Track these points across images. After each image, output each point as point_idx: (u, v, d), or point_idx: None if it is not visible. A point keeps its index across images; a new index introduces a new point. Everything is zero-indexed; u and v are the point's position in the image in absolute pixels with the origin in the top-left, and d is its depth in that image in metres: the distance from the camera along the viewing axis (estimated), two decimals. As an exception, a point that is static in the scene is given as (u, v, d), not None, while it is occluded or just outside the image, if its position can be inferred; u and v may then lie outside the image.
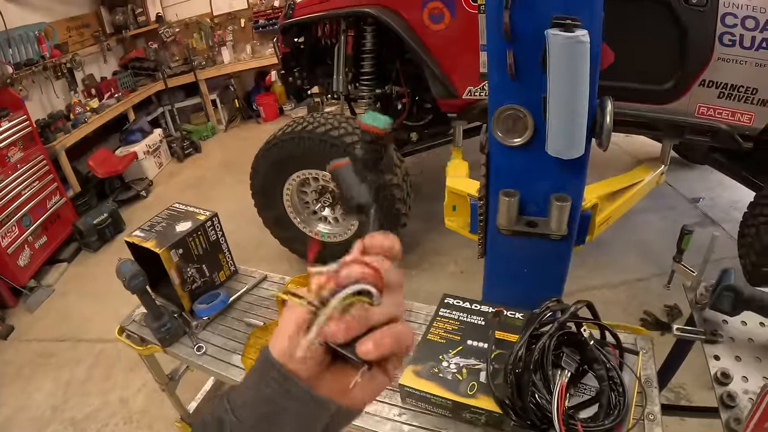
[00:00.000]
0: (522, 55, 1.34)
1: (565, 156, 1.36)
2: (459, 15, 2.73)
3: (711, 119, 2.51)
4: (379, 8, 2.93)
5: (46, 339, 3.53)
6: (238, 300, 1.86)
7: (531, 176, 1.50)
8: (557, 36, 1.20)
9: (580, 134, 1.33)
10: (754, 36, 2.25)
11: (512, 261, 1.73)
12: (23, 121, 4.35)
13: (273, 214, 3.40)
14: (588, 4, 1.26)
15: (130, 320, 1.87)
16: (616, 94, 2.49)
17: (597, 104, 1.36)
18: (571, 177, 1.48)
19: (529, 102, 1.38)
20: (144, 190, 5.54)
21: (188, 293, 1.79)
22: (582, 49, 1.20)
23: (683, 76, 2.45)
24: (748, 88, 2.36)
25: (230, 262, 1.96)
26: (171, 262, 1.69)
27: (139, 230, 1.81)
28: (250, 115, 7.43)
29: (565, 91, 1.26)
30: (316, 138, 2.90)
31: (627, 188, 2.73)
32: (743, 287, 1.27)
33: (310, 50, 3.73)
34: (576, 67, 1.22)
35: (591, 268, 3.16)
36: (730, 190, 3.69)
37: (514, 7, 1.28)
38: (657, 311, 2.76)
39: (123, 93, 6.23)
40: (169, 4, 7.15)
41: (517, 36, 1.31)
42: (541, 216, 1.55)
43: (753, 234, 2.52)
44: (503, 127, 1.44)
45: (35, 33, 5.38)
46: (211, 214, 1.86)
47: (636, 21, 2.42)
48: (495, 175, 1.56)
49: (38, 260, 4.23)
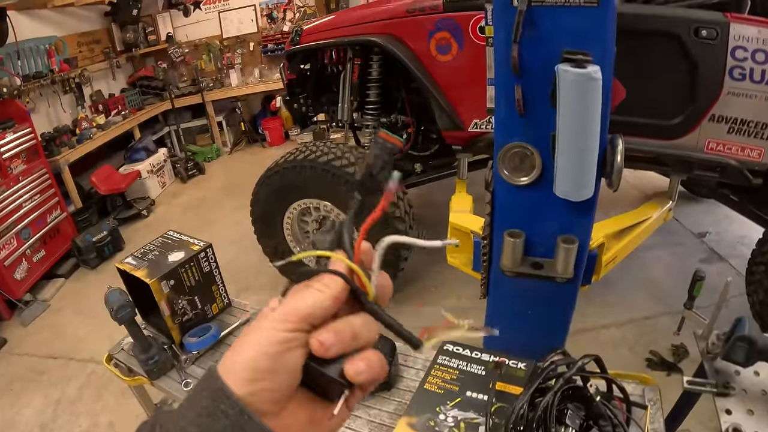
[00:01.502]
0: (531, 91, 1.28)
1: (573, 198, 1.30)
2: (467, 47, 2.73)
3: (720, 155, 2.47)
4: (386, 37, 2.93)
5: (39, 355, 3.49)
6: (230, 335, 1.79)
7: (537, 216, 1.44)
8: (568, 72, 1.15)
9: (590, 175, 1.27)
10: (764, 69, 2.23)
11: (516, 302, 1.65)
12: (28, 134, 4.36)
13: (273, 242, 3.37)
14: (600, 39, 1.21)
15: (119, 348, 1.82)
16: (623, 129, 2.49)
17: (607, 142, 1.31)
18: (579, 218, 1.41)
19: (537, 139, 1.32)
20: (145, 210, 5.52)
21: (179, 325, 1.72)
22: (594, 86, 1.15)
23: (693, 111, 2.42)
24: (759, 122, 2.33)
25: (223, 294, 1.89)
26: (162, 293, 1.63)
27: (131, 257, 1.77)
28: (255, 139, 7.44)
29: (575, 129, 1.21)
30: (319, 167, 2.87)
31: (635, 226, 2.67)
32: (758, 337, 1.21)
33: (316, 77, 3.72)
34: (587, 105, 1.17)
35: (598, 306, 3.10)
36: (738, 224, 3.66)
37: (524, 40, 1.23)
38: (664, 350, 2.72)
39: (130, 111, 6.26)
40: (179, 25, 7.26)
41: (525, 70, 1.26)
42: (547, 257, 1.48)
43: (762, 272, 2.48)
44: (509, 165, 1.38)
45: (46, 46, 5.45)
46: (205, 244, 1.80)
47: (645, 55, 2.40)
48: (500, 215, 1.49)
49: (35, 274, 4.19)
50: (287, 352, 0.46)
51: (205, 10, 7.20)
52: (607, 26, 1.21)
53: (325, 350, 0.46)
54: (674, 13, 2.36)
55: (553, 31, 1.22)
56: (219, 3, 7.16)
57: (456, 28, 2.74)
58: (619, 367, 1.63)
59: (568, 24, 1.21)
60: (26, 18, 5.25)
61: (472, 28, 2.68)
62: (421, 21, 2.83)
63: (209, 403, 0.44)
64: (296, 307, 0.47)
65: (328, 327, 0.48)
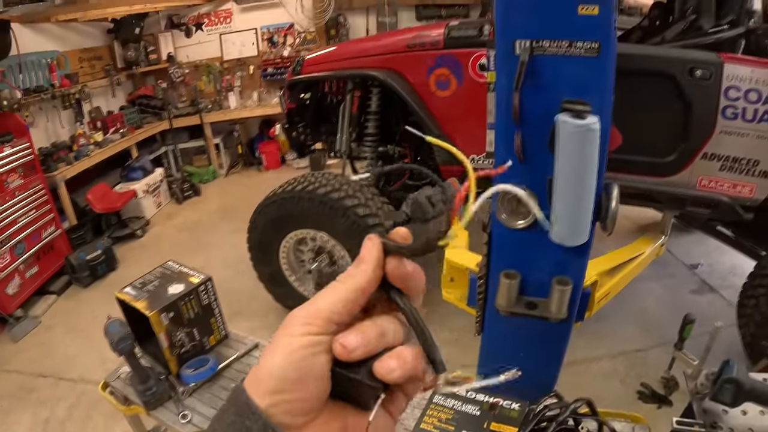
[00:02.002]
0: (530, 138, 1.32)
1: (568, 243, 1.33)
2: (466, 83, 2.78)
3: (712, 191, 2.52)
4: (386, 71, 2.98)
5: (28, 372, 3.46)
6: (228, 367, 1.80)
7: (533, 258, 1.47)
8: (567, 123, 1.18)
9: (586, 222, 1.31)
10: (756, 108, 2.29)
11: (510, 339, 1.68)
12: (26, 149, 4.34)
13: (268, 269, 3.36)
14: (599, 88, 1.25)
15: (116, 375, 1.81)
16: (618, 166, 2.54)
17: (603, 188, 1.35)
18: (574, 260, 1.45)
19: (535, 184, 1.35)
20: (140, 230, 5.50)
21: (176, 357, 1.73)
22: (592, 137, 1.18)
23: (686, 149, 2.48)
24: (750, 159, 2.39)
25: (221, 326, 1.90)
26: (161, 325, 1.65)
27: (130, 287, 1.77)
28: (252, 162, 7.44)
29: (572, 178, 1.24)
30: (317, 199, 2.87)
31: (627, 262, 2.71)
32: (745, 379, 1.23)
33: (316, 107, 3.76)
34: (585, 155, 1.21)
35: (589, 339, 3.10)
36: (729, 255, 3.69)
37: (524, 88, 1.27)
38: (654, 383, 2.72)
39: (128, 129, 6.24)
40: (181, 45, 7.31)
41: (525, 118, 1.30)
42: (542, 297, 1.51)
43: (753, 305, 2.52)
44: (507, 208, 1.42)
45: (47, 60, 5.45)
46: (205, 278, 1.81)
47: (640, 94, 2.44)
48: (496, 256, 1.52)
49: (27, 290, 4.16)
50: (313, 358, 0.42)
51: (207, 32, 7.27)
52: (606, 76, 1.26)
53: (348, 353, 0.42)
54: (669, 54, 2.42)
55: (553, 79, 1.27)
56: (221, 25, 7.23)
57: (456, 64, 2.79)
58: (610, 400, 1.65)
59: (569, 73, 1.25)
60: (29, 31, 5.28)
61: (471, 65, 2.74)
62: (421, 56, 2.88)
63: (236, 419, 0.42)
64: (318, 308, 0.44)
65: (351, 328, 0.44)
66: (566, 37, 1.23)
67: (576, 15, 1.21)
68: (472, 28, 2.80)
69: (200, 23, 7.23)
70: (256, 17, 7.15)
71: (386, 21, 6.80)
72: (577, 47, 1.23)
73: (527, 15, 1.25)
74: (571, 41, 1.23)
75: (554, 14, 1.23)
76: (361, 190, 2.90)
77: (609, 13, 1.20)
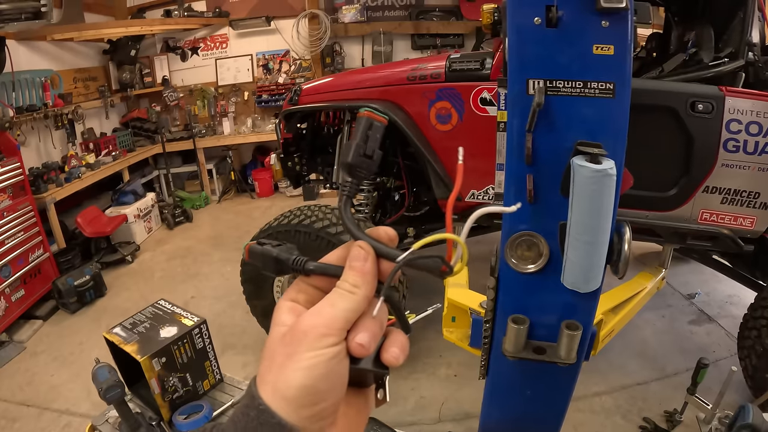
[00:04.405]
0: (541, 180, 1.29)
1: (582, 289, 1.29)
2: (467, 117, 2.76)
3: (714, 224, 2.52)
4: (385, 103, 2.94)
5: (12, 400, 3.36)
6: (222, 414, 1.73)
7: (542, 302, 1.42)
8: (584, 167, 1.14)
9: (599, 267, 1.26)
10: (757, 141, 2.30)
11: (515, 383, 1.63)
12: (16, 168, 4.28)
13: (262, 303, 3.29)
14: (614, 132, 1.24)
15: (104, 419, 1.74)
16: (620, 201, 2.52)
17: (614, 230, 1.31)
18: (584, 303, 1.40)
19: (545, 229, 1.32)
20: (130, 255, 5.41)
21: (169, 402, 1.66)
22: (609, 182, 1.15)
23: (687, 183, 2.48)
24: (751, 192, 2.40)
25: (216, 370, 1.83)
26: (153, 371, 1.58)
27: (120, 327, 1.71)
28: (244, 189, 7.41)
29: (587, 224, 1.20)
30: (313, 233, 2.84)
31: (630, 298, 2.69)
32: (761, 425, 1.23)
33: (312, 137, 3.73)
34: (601, 201, 1.16)
35: (590, 374, 3.08)
36: (725, 283, 3.72)
37: (537, 130, 1.24)
38: (656, 417, 2.71)
39: (120, 152, 6.20)
40: (176, 69, 7.34)
41: (538, 159, 1.27)
42: (550, 341, 1.46)
43: (754, 336, 2.51)
44: (517, 252, 1.38)
45: (42, 79, 5.42)
46: (199, 320, 1.75)
47: (642, 128, 2.44)
48: (504, 300, 1.47)
49: (13, 314, 4.06)
50: (339, 366, 0.46)
51: (203, 57, 7.29)
52: (622, 118, 1.24)
53: (366, 350, 0.47)
54: (671, 88, 2.42)
55: (567, 121, 1.24)
56: (216, 50, 7.27)
57: (457, 98, 2.77)
58: None
59: (583, 114, 1.23)
60: (25, 49, 5.26)
61: (473, 99, 2.71)
62: (422, 89, 2.86)
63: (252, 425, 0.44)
64: (334, 317, 0.47)
65: (359, 327, 0.48)
66: (581, 78, 1.21)
67: (591, 54, 1.19)
68: (474, 61, 2.78)
69: (196, 47, 7.28)
70: (252, 43, 7.20)
71: (381, 50, 6.86)
72: (592, 88, 1.21)
73: (541, 53, 1.22)
74: (586, 81, 1.21)
75: (569, 53, 1.21)
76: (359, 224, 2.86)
77: (625, 53, 1.18)
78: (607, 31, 1.17)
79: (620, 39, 1.18)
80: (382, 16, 7.06)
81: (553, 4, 1.17)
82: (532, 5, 1.18)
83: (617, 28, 1.17)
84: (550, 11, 1.17)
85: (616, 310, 2.58)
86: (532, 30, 1.20)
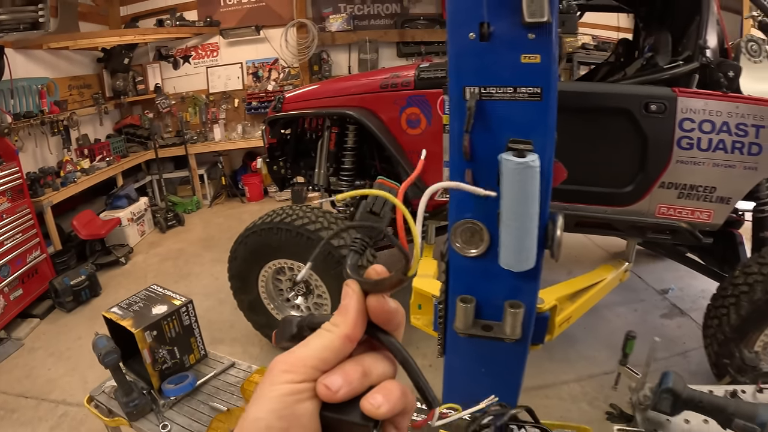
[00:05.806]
0: (480, 174, 1.46)
1: (516, 269, 1.45)
2: (434, 122, 2.91)
3: (671, 218, 2.61)
4: (361, 110, 3.11)
5: (10, 392, 3.47)
6: (205, 384, 1.92)
7: (487, 284, 1.58)
8: (509, 161, 1.32)
9: (531, 249, 1.42)
10: (711, 138, 2.39)
11: (470, 361, 1.79)
12: (15, 173, 4.39)
13: (248, 298, 3.43)
14: (542, 130, 1.39)
15: (100, 390, 1.92)
16: (578, 197, 2.66)
17: (549, 218, 1.47)
18: (525, 284, 1.56)
19: (486, 217, 1.48)
20: (124, 257, 5.54)
21: (158, 372, 1.85)
22: (532, 173, 1.31)
23: (644, 180, 2.57)
24: (707, 187, 2.48)
25: (201, 346, 2.02)
26: (145, 342, 1.77)
27: (117, 307, 1.89)
28: (235, 194, 7.51)
29: (516, 210, 1.37)
30: (294, 230, 2.97)
31: (589, 287, 2.78)
32: (682, 389, 1.33)
33: (295, 142, 3.87)
34: (526, 189, 1.33)
35: (559, 363, 3.20)
36: (699, 280, 3.72)
37: (474, 130, 1.41)
38: (623, 404, 2.75)
39: (114, 158, 6.32)
40: (168, 77, 7.44)
41: (476, 156, 1.43)
42: (497, 320, 1.63)
43: (716, 325, 2.58)
44: (461, 238, 1.55)
45: (38, 87, 5.52)
46: (186, 300, 1.94)
47: (599, 129, 2.56)
48: (453, 282, 1.64)
49: (11, 312, 4.18)
50: (296, 405, 0.42)
51: (194, 65, 7.42)
52: (548, 117, 1.39)
53: (333, 394, 0.42)
54: (625, 90, 2.54)
55: (500, 122, 1.41)
56: (208, 58, 7.40)
57: (425, 104, 2.94)
58: (579, 421, 1.74)
59: (514, 116, 1.39)
60: (22, 57, 5.37)
61: (440, 105, 2.88)
62: (393, 96, 3.02)
63: None
64: (303, 356, 0.44)
65: (334, 369, 0.44)
66: (511, 84, 1.37)
67: (520, 63, 1.35)
68: (441, 70, 2.93)
69: (188, 56, 7.39)
70: (242, 51, 7.33)
71: (368, 58, 6.98)
72: (522, 92, 1.37)
73: (476, 64, 1.39)
74: (516, 87, 1.37)
75: (500, 63, 1.37)
76: (336, 222, 3.02)
77: (550, 61, 1.34)
78: (533, 43, 1.33)
79: (545, 49, 1.33)
80: (368, 25, 7.20)
81: (485, 20, 1.33)
82: (467, 22, 1.35)
83: (542, 40, 1.32)
84: (482, 27, 1.33)
85: (573, 298, 2.68)
86: (467, 44, 1.36)
